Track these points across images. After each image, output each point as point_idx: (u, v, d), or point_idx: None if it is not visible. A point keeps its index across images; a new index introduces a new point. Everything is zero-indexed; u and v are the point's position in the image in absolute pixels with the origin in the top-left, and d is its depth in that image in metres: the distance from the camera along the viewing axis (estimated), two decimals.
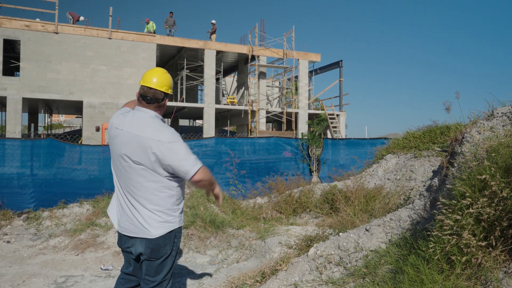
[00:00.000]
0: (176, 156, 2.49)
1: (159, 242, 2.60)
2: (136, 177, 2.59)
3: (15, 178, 8.47)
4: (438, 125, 7.70)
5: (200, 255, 5.76)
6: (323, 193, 7.71)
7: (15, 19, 19.87)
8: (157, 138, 2.50)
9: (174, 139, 2.52)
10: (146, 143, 2.50)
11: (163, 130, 2.56)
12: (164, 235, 2.61)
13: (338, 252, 3.86)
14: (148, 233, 2.59)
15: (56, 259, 5.82)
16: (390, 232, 3.81)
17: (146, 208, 2.59)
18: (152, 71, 2.74)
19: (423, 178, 6.77)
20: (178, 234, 2.73)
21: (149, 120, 2.62)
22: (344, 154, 11.08)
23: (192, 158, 2.52)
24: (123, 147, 2.61)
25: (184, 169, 2.49)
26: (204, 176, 2.52)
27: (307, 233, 5.96)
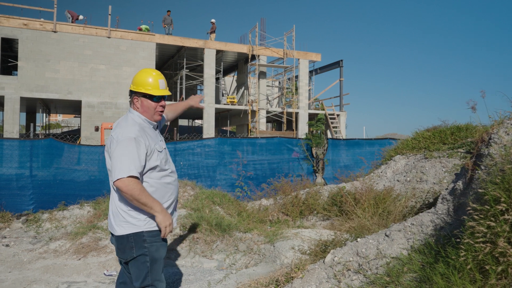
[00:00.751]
0: (115, 155, 2.46)
1: (121, 241, 2.58)
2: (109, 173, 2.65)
3: (13, 179, 8.25)
4: (448, 125, 7.53)
5: (206, 259, 5.56)
6: (330, 194, 7.53)
7: (13, 18, 19.62)
8: (113, 134, 2.57)
9: (123, 139, 2.48)
10: (109, 139, 2.62)
11: (123, 127, 2.57)
12: (126, 235, 2.56)
13: (357, 258, 3.67)
14: (113, 230, 2.63)
15: (57, 264, 5.61)
16: (411, 238, 3.63)
17: (113, 204, 2.66)
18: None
19: (435, 180, 6.59)
20: (151, 239, 2.58)
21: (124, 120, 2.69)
22: (348, 154, 10.90)
23: (127, 164, 2.41)
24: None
25: (113, 170, 2.44)
26: (125, 188, 2.39)
27: (317, 237, 5.77)
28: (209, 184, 9.71)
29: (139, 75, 2.70)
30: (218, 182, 9.94)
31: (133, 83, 2.69)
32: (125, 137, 2.49)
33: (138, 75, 2.70)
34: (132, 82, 2.71)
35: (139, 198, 2.45)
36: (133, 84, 2.69)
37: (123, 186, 2.39)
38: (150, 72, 2.71)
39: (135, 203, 2.47)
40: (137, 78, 2.69)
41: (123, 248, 2.59)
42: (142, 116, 2.69)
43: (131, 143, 2.48)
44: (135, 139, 2.50)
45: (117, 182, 2.40)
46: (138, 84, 2.67)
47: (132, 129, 2.54)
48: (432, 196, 6.09)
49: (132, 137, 2.49)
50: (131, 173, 2.41)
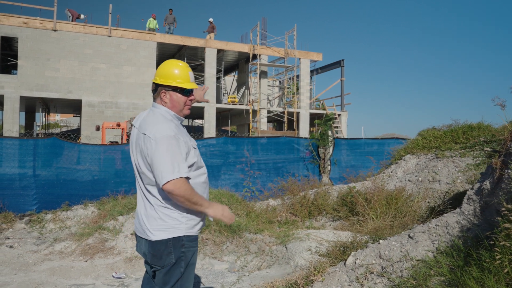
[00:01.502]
0: (157, 155, 2.24)
1: (159, 247, 2.35)
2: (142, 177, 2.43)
3: (16, 179, 8.11)
4: (459, 124, 7.41)
5: (217, 261, 5.42)
6: (340, 195, 7.40)
7: (13, 16, 19.43)
8: (148, 132, 2.31)
9: (162, 137, 2.26)
10: (143, 139, 2.35)
11: (157, 125, 2.34)
12: (165, 240, 2.34)
13: (380, 261, 3.54)
14: (148, 235, 2.38)
15: (63, 265, 5.47)
16: (437, 239, 3.50)
17: (148, 207, 2.41)
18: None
19: (448, 180, 6.46)
20: (188, 244, 2.39)
21: (154, 116, 2.45)
22: (354, 154, 10.77)
23: (175, 164, 2.22)
24: (134, 145, 2.48)
25: (157, 173, 2.23)
26: (177, 190, 2.20)
27: (330, 238, 5.64)
28: (213, 184, 9.57)
29: (167, 67, 2.48)
30: (223, 182, 9.81)
31: (160, 76, 2.46)
32: (164, 136, 2.27)
33: (165, 67, 2.48)
34: (158, 74, 2.47)
35: (191, 197, 2.27)
36: (160, 77, 2.46)
37: (175, 189, 2.20)
38: (177, 64, 2.51)
39: (186, 204, 2.29)
40: (164, 70, 2.47)
41: (160, 254, 2.35)
42: (170, 111, 2.47)
43: (172, 142, 2.27)
44: (175, 137, 2.30)
45: (168, 185, 2.19)
46: (167, 77, 2.45)
47: (169, 126, 2.33)
48: (448, 196, 5.97)
49: (172, 135, 2.28)
50: (181, 174, 2.22)
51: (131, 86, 21.75)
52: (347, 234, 5.46)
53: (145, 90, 22.14)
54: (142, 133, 2.35)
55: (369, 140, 11.05)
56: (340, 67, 28.16)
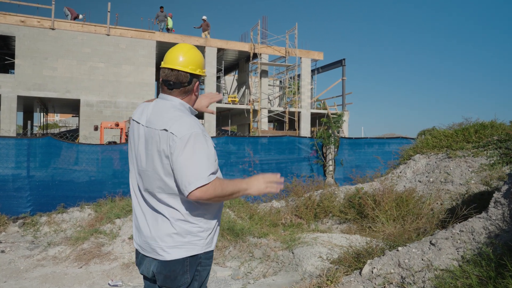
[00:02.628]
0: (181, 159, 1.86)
1: (174, 267, 1.99)
2: (150, 181, 2.01)
3: (10, 180, 7.79)
4: (471, 123, 7.10)
5: (220, 267, 5.12)
6: (346, 196, 7.10)
7: (9, 14, 19.12)
8: (171, 129, 1.90)
9: (190, 135, 1.88)
10: (160, 136, 1.94)
11: (181, 121, 1.93)
12: (182, 259, 1.99)
13: (399, 270, 3.24)
14: (162, 254, 2.00)
15: (57, 272, 5.16)
16: (461, 246, 3.20)
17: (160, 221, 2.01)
18: (175, 49, 2.11)
19: (461, 181, 6.16)
20: (205, 262, 2.07)
21: (169, 110, 2.03)
22: (359, 154, 10.47)
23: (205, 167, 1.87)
24: (141, 144, 2.05)
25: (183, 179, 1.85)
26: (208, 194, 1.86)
27: (339, 242, 5.34)
28: None
29: (199, 54, 2.12)
30: None
31: (197, 64, 2.10)
32: (190, 134, 1.90)
33: (198, 54, 2.12)
34: (193, 63, 2.08)
35: (224, 192, 1.92)
36: (197, 66, 2.10)
37: (203, 195, 1.86)
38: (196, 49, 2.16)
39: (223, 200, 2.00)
40: (200, 58, 2.12)
41: (175, 275, 2.00)
42: (186, 104, 2.11)
43: (201, 140, 1.92)
44: (203, 134, 1.95)
45: (195, 193, 1.84)
46: (202, 66, 2.13)
47: (195, 122, 1.98)
48: (462, 198, 5.66)
49: (199, 132, 1.92)
50: (210, 177, 1.88)
51: (130, 86, 21.44)
52: (357, 238, 5.16)
53: (144, 89, 21.84)
54: (161, 129, 1.94)
55: (374, 139, 10.75)
56: (341, 66, 27.89)
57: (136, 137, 2.10)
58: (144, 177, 2.04)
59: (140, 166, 2.05)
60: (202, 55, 2.16)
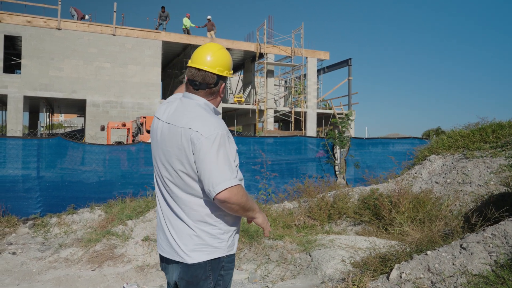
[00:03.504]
0: (208, 159, 1.81)
1: (196, 272, 1.94)
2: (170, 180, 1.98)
3: (20, 181, 7.73)
4: (488, 123, 6.97)
5: (235, 270, 5.01)
6: (361, 197, 6.98)
7: (16, 15, 19.12)
8: (196, 127, 1.86)
9: (215, 136, 1.84)
10: (182, 134, 1.89)
11: (207, 121, 1.90)
12: (204, 263, 1.94)
13: (429, 275, 3.12)
14: (183, 257, 1.95)
15: (70, 275, 5.08)
16: (494, 251, 3.08)
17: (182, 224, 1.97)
18: (203, 48, 2.07)
19: (480, 182, 6.03)
20: (228, 266, 2.02)
21: (194, 108, 1.99)
22: (370, 154, 10.35)
23: (228, 171, 1.82)
24: (162, 142, 2.01)
25: (210, 180, 1.80)
26: (234, 198, 1.82)
27: (355, 244, 5.23)
28: None
29: (227, 55, 2.08)
30: None
31: (225, 66, 2.05)
32: (218, 134, 1.86)
33: (227, 55, 2.07)
34: (220, 64, 2.03)
35: (246, 204, 1.90)
36: (225, 68, 2.05)
37: (231, 197, 1.82)
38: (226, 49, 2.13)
39: (239, 212, 1.93)
40: (228, 59, 2.07)
41: (198, 280, 1.95)
42: (210, 104, 2.06)
43: (225, 142, 1.88)
44: (228, 136, 1.92)
45: (223, 194, 1.80)
46: (230, 67, 2.09)
47: (220, 122, 1.94)
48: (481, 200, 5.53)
49: (225, 134, 1.89)
50: (236, 180, 1.84)
51: (136, 86, 21.40)
52: (375, 240, 5.05)
53: (151, 89, 21.80)
54: (184, 127, 1.89)
55: (385, 139, 10.62)
56: (347, 66, 27.73)
57: (158, 135, 2.05)
58: (164, 175, 2.01)
59: (162, 164, 2.02)
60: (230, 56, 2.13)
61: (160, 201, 2.08)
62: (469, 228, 3.99)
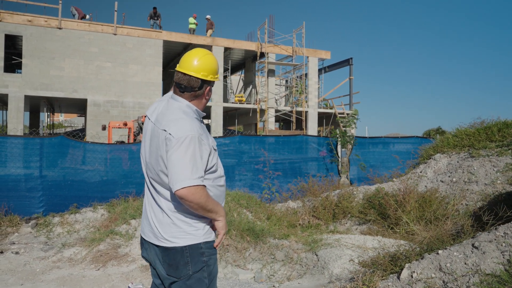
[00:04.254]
0: (175, 158, 2.00)
1: (175, 256, 2.13)
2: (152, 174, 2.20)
3: (22, 180, 7.68)
4: (493, 121, 6.92)
5: (241, 270, 4.97)
6: (366, 196, 6.94)
7: (17, 14, 19.06)
8: (169, 129, 2.07)
9: (185, 137, 2.02)
10: (160, 136, 2.11)
11: (181, 124, 2.08)
12: (180, 248, 2.12)
13: (440, 275, 3.08)
14: (162, 241, 2.15)
15: (74, 274, 5.04)
16: (507, 250, 3.04)
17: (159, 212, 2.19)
18: (190, 53, 2.25)
19: (487, 180, 5.99)
20: (208, 252, 2.17)
21: (174, 111, 2.18)
22: (373, 153, 10.30)
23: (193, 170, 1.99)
24: (148, 141, 2.24)
25: (173, 177, 1.99)
26: (191, 197, 1.98)
27: (361, 244, 5.19)
28: (227, 185, 9.14)
29: (214, 60, 2.25)
30: (238, 183, 9.37)
31: (209, 71, 2.21)
32: (187, 136, 2.02)
33: (213, 61, 2.24)
34: (206, 69, 2.19)
35: (206, 205, 2.06)
36: (209, 72, 2.22)
37: (188, 195, 1.97)
38: (212, 55, 2.29)
39: (200, 211, 2.07)
40: (214, 65, 2.23)
41: (176, 264, 2.12)
42: (192, 106, 2.23)
43: (195, 144, 2.03)
44: (199, 139, 2.06)
45: (181, 191, 1.96)
46: (215, 72, 2.26)
47: (193, 125, 2.09)
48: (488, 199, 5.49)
49: (196, 136, 2.04)
50: (199, 181, 2.00)
51: (137, 85, 21.35)
52: (381, 240, 5.01)
53: (151, 89, 21.75)
54: (162, 129, 2.10)
55: (389, 139, 10.58)
56: (348, 66, 27.69)
57: (146, 133, 2.27)
58: (148, 170, 2.23)
59: (146, 159, 2.23)
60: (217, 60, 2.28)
61: (146, 193, 2.30)
62: (479, 227, 3.94)
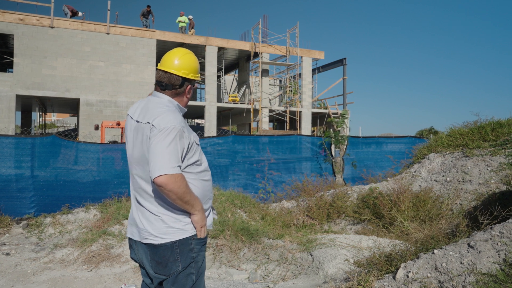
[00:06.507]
0: (157, 146, 2.04)
1: (164, 253, 2.13)
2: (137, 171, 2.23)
3: (13, 180, 7.57)
4: (487, 121, 6.95)
5: (235, 270, 4.94)
6: (360, 196, 6.93)
7: (8, 12, 18.86)
8: (153, 121, 2.10)
9: (168, 128, 2.06)
10: (145, 129, 2.14)
11: (164, 116, 2.12)
12: (169, 244, 2.12)
13: (436, 274, 3.07)
14: (151, 239, 2.15)
15: (66, 275, 4.97)
16: (503, 249, 3.03)
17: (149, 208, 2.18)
18: (171, 52, 2.32)
19: (480, 180, 6.00)
20: (197, 248, 2.19)
21: (156, 105, 2.22)
22: (367, 153, 10.31)
23: (172, 158, 2.03)
24: (130, 136, 2.27)
25: (152, 165, 2.02)
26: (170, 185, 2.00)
27: (356, 244, 5.17)
28: (221, 185, 9.10)
29: (192, 60, 2.30)
30: (231, 183, 9.33)
31: (190, 69, 2.29)
32: (170, 127, 2.07)
33: (193, 60, 2.31)
34: (187, 67, 2.27)
35: (184, 196, 2.06)
36: (190, 71, 2.29)
37: (168, 183, 1.98)
38: (193, 54, 2.35)
39: (177, 202, 2.08)
40: (192, 64, 2.30)
41: (165, 261, 2.11)
42: (174, 101, 2.29)
43: (175, 134, 2.07)
44: (181, 131, 2.10)
45: (160, 178, 1.98)
46: (195, 71, 2.32)
47: (176, 118, 2.13)
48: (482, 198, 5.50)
49: (177, 128, 2.09)
50: (176, 170, 2.03)
51: (131, 85, 21.22)
52: (376, 239, 4.99)
53: (145, 88, 21.63)
54: (146, 122, 2.14)
55: (382, 138, 10.58)
56: (342, 66, 27.76)
57: (129, 131, 2.29)
58: (132, 167, 2.25)
59: (130, 157, 2.26)
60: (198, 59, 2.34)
61: (132, 192, 2.31)
62: (474, 227, 3.94)
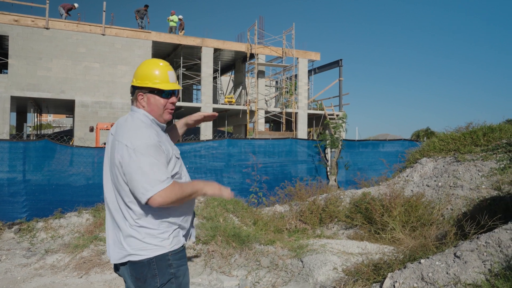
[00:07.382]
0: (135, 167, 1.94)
1: (142, 269, 2.06)
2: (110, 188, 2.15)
3: (5, 185, 7.54)
4: (479, 125, 6.97)
5: (226, 276, 4.93)
6: (352, 200, 6.94)
7: (3, 13, 18.79)
8: (123, 139, 2.03)
9: (143, 147, 1.98)
10: (117, 148, 2.06)
11: (134, 131, 2.05)
12: (146, 261, 2.05)
13: (422, 284, 3.07)
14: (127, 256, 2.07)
15: (56, 282, 4.95)
16: (488, 259, 3.04)
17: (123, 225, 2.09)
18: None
19: (472, 185, 6.02)
20: (176, 263, 2.11)
21: (130, 121, 2.16)
22: (361, 156, 10.33)
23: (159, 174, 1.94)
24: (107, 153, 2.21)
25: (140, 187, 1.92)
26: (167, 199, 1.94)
27: (347, 250, 5.18)
28: None
29: (144, 67, 2.21)
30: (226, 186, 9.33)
31: (136, 77, 2.20)
32: (142, 144, 1.99)
33: (142, 67, 2.21)
34: (135, 75, 2.21)
35: (183, 195, 2.01)
36: (137, 78, 2.20)
37: (165, 200, 1.93)
38: (157, 63, 2.23)
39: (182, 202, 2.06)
40: (141, 71, 2.20)
41: (144, 277, 2.06)
42: (149, 115, 2.20)
43: (152, 150, 1.99)
44: (155, 145, 2.02)
45: (155, 199, 1.91)
46: (143, 78, 2.18)
47: (148, 134, 2.05)
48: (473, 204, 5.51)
49: (149, 144, 2.00)
50: (166, 183, 1.95)
51: (126, 86, 21.15)
52: (367, 245, 5.00)
53: None
54: (118, 140, 2.05)
55: (376, 141, 10.60)
56: (338, 67, 27.78)
57: (107, 146, 2.23)
58: (106, 184, 2.17)
59: (105, 174, 2.19)
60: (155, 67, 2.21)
61: (107, 210, 2.20)
62: (462, 236, 3.95)
